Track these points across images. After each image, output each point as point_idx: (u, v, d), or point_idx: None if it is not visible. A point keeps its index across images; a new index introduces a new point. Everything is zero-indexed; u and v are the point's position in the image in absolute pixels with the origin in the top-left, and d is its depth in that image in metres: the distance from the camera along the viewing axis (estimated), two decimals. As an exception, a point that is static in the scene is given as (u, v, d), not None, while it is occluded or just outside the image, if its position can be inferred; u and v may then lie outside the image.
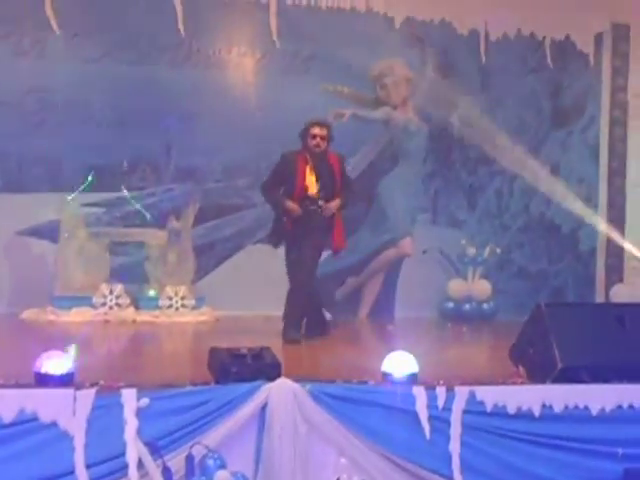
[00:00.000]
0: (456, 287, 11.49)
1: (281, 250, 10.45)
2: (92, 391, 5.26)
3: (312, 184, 8.34)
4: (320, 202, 8.32)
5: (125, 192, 10.79)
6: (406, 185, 11.91)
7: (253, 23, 11.40)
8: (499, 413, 5.77)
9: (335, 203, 8.41)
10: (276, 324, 8.53)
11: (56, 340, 8.00)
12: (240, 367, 5.54)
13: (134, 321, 10.03)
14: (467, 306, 11.39)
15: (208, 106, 11.02)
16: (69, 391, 5.22)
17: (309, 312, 8.55)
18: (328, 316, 9.23)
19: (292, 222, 8.37)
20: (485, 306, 11.43)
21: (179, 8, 11.09)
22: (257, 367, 5.57)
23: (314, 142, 8.33)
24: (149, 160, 11.14)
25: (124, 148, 10.93)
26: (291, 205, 8.32)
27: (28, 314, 10.14)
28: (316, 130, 8.34)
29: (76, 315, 10.05)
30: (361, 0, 11.59)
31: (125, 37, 11.03)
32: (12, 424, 5.10)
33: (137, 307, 10.34)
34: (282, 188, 8.48)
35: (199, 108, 11.06)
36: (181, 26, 11.13)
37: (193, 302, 10.39)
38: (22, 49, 10.78)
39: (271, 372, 5.56)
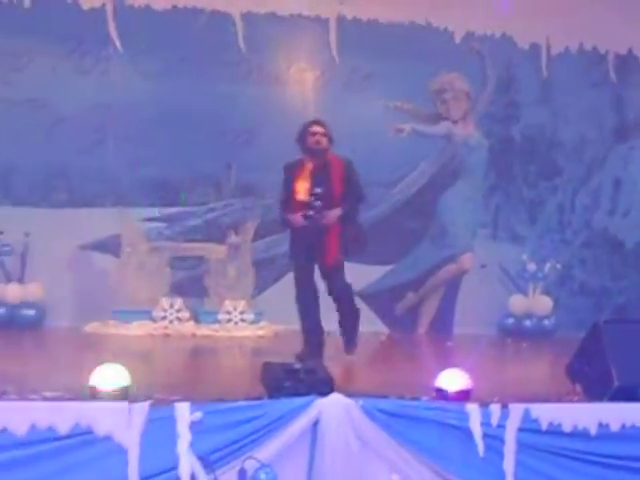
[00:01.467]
0: (516, 303, 11.41)
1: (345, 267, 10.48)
2: (146, 404, 5.28)
3: (304, 189, 7.68)
4: (317, 204, 7.56)
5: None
6: (466, 200, 11.86)
7: (313, 39, 11.47)
8: (554, 431, 5.67)
9: (334, 212, 7.65)
10: (335, 339, 8.48)
11: (115, 353, 8.10)
12: (293, 382, 5.53)
13: (194, 335, 10.13)
14: (527, 322, 11.31)
15: (268, 122, 11.10)
16: (124, 404, 5.26)
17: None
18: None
19: (298, 234, 7.77)
20: (546, 322, 11.34)
21: (239, 25, 11.22)
22: (310, 382, 5.55)
23: (314, 139, 7.72)
24: (210, 176, 11.25)
25: (185, 164, 11.04)
26: (291, 217, 7.71)
27: (90, 327, 10.28)
28: (314, 128, 7.77)
29: (137, 328, 10.19)
30: (421, 15, 11.59)
31: (186, 54, 11.16)
32: (67, 436, 5.15)
33: (197, 321, 10.45)
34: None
35: (259, 124, 11.14)
36: (241, 42, 11.23)
37: (252, 316, 10.46)
38: (85, 66, 11.00)
39: (324, 387, 5.53)
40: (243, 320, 10.41)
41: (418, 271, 11.70)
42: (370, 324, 11.09)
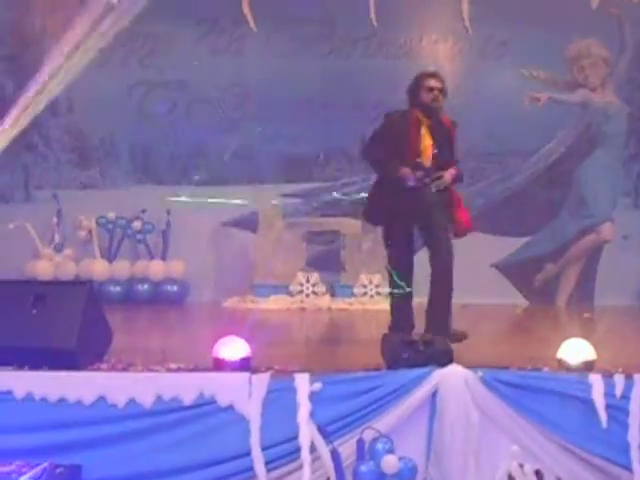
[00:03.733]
0: (659, 273, 11.11)
1: (481, 239, 10.38)
2: (267, 375, 5.42)
3: (427, 150, 6.74)
4: (427, 167, 6.64)
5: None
6: (606, 169, 11.58)
7: (445, 10, 11.36)
8: (681, 402, 5.55)
9: (450, 173, 6.72)
10: (473, 311, 8.45)
11: (249, 327, 8.27)
12: (411, 353, 5.57)
13: (329, 309, 10.26)
14: (671, 293, 11.00)
15: (401, 95, 11.01)
16: (245, 375, 5.41)
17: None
18: None
19: (399, 195, 6.70)
20: (690, 293, 11.00)
21: (371, -1, 11.22)
22: (428, 353, 5.57)
23: (431, 96, 6.77)
24: (344, 151, 11.32)
25: (319, 139, 11.16)
26: (407, 171, 6.61)
27: (230, 302, 10.53)
28: (432, 82, 6.82)
29: (274, 303, 10.38)
30: (556, -19, 11.35)
31: (318, 30, 11.28)
32: (192, 407, 5.35)
33: (333, 295, 10.58)
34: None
35: (393, 98, 11.06)
36: (373, 17, 11.23)
37: (387, 290, 10.48)
38: (220, 47, 11.23)
39: (442, 358, 5.56)
40: (378, 293, 10.46)
41: (557, 242, 11.49)
42: (508, 296, 11.05)
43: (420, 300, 6.96)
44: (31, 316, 5.62)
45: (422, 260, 6.89)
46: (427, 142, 6.76)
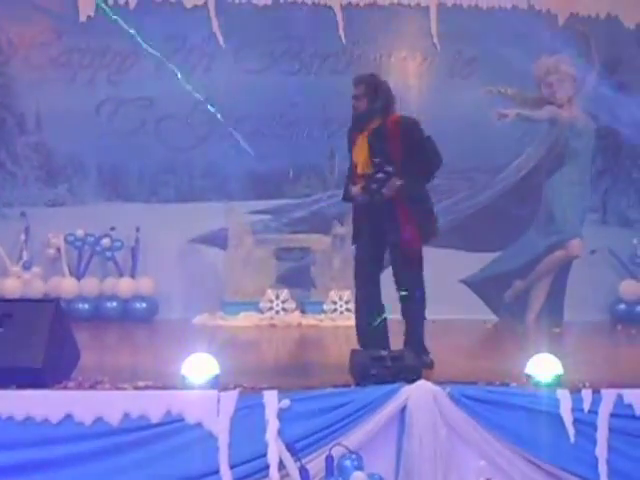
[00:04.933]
0: (628, 288, 11.19)
1: (450, 254, 10.41)
2: (235, 392, 5.41)
3: (362, 159, 6.49)
4: (380, 177, 6.35)
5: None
6: (574, 185, 11.65)
7: (413, 27, 11.44)
8: (649, 417, 5.58)
9: (392, 182, 6.34)
10: (442, 327, 8.46)
11: (219, 344, 8.26)
12: (380, 369, 5.57)
13: (299, 325, 10.25)
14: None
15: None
16: (213, 392, 5.38)
17: None
18: None
19: (360, 212, 6.61)
20: (659, 308, 11.08)
21: (339, 16, 11.27)
22: (397, 369, 5.58)
23: (352, 104, 6.64)
24: (313, 167, 11.34)
25: (288, 156, 11.17)
26: (354, 190, 6.52)
27: (199, 319, 10.48)
28: (353, 90, 6.62)
29: (244, 320, 10.36)
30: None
31: (288, 47, 11.29)
32: (159, 424, 5.31)
33: (303, 311, 10.57)
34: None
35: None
36: (342, 33, 11.29)
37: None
38: (189, 64, 11.17)
39: (410, 374, 5.57)
40: (348, 310, 10.43)
41: (525, 258, 11.53)
42: (477, 312, 11.08)
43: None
44: (-3, 334, 5.58)
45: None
46: (364, 151, 6.51)
